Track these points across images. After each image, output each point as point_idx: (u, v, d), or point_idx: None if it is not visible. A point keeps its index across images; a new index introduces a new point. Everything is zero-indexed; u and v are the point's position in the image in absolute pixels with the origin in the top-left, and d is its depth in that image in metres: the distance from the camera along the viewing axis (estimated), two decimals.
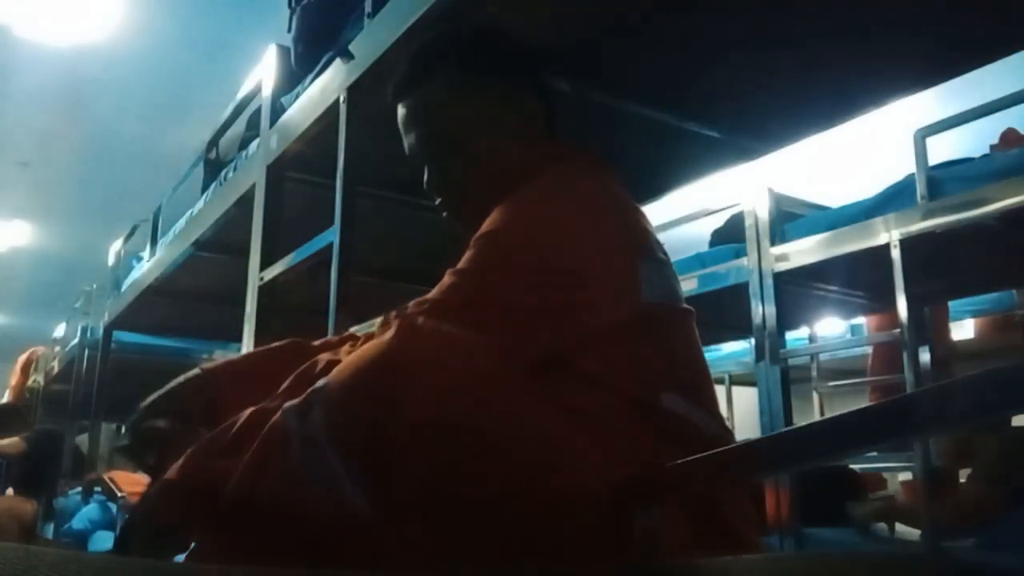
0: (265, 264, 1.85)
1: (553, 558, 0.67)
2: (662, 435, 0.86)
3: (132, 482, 3.60)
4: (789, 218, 2.54)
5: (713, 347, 4.77)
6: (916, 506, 2.28)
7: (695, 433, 0.89)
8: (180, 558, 0.77)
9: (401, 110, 1.06)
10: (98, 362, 3.86)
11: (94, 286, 4.54)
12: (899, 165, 2.34)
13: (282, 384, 0.80)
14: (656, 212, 2.36)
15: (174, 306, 3.28)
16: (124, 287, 3.67)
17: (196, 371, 0.99)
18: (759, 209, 2.51)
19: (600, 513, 0.68)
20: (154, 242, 3.24)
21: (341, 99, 1.44)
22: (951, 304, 3.69)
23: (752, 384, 2.87)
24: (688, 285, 2.81)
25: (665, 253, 0.98)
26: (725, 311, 2.96)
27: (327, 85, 1.55)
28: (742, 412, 4.76)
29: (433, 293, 0.85)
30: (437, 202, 1.08)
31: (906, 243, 2.05)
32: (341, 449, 0.67)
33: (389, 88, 1.05)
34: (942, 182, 2.08)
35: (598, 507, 0.68)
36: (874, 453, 2.50)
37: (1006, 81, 2.02)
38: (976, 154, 2.38)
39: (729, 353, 4.76)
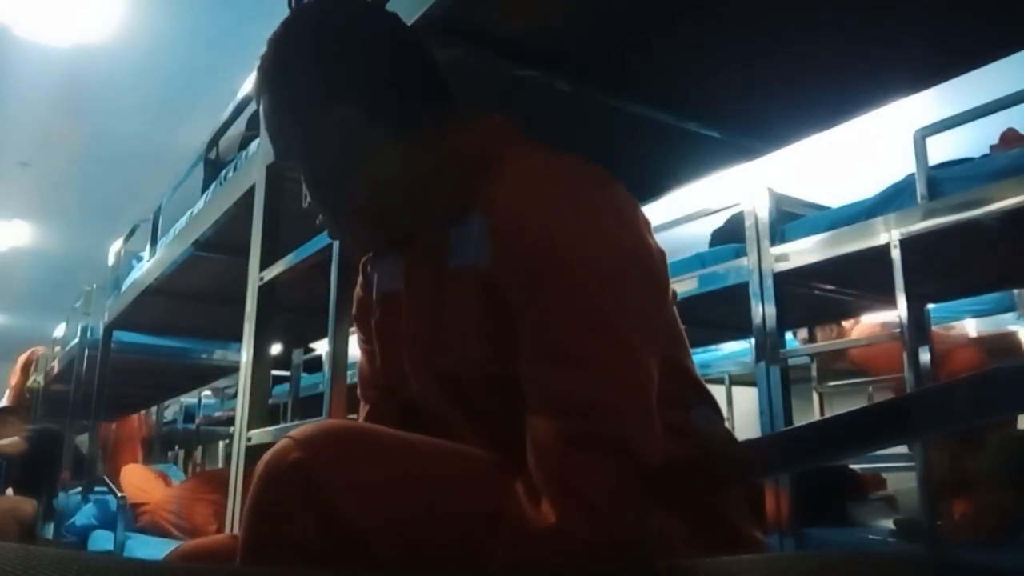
0: (265, 264, 1.85)
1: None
2: (684, 434, 0.86)
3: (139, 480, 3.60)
4: (789, 218, 2.54)
5: (713, 347, 4.77)
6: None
7: (708, 429, 0.89)
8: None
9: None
10: (98, 362, 3.86)
11: (94, 286, 4.53)
12: (899, 165, 2.34)
13: None
14: (656, 212, 2.37)
15: (174, 306, 3.28)
16: (124, 287, 3.67)
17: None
18: (759, 209, 2.51)
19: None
20: (154, 242, 3.24)
21: None
22: (951, 304, 3.69)
23: (752, 384, 2.87)
24: (688, 285, 2.81)
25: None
26: (725, 311, 2.95)
27: None
28: (742, 412, 4.76)
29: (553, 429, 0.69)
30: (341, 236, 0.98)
31: (906, 243, 2.05)
32: None
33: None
34: (942, 182, 2.08)
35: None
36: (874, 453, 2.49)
37: (1006, 81, 2.02)
38: (976, 154, 2.38)
39: (729, 353, 4.76)
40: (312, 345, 4.26)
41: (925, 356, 2.17)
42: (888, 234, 2.09)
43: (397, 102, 0.86)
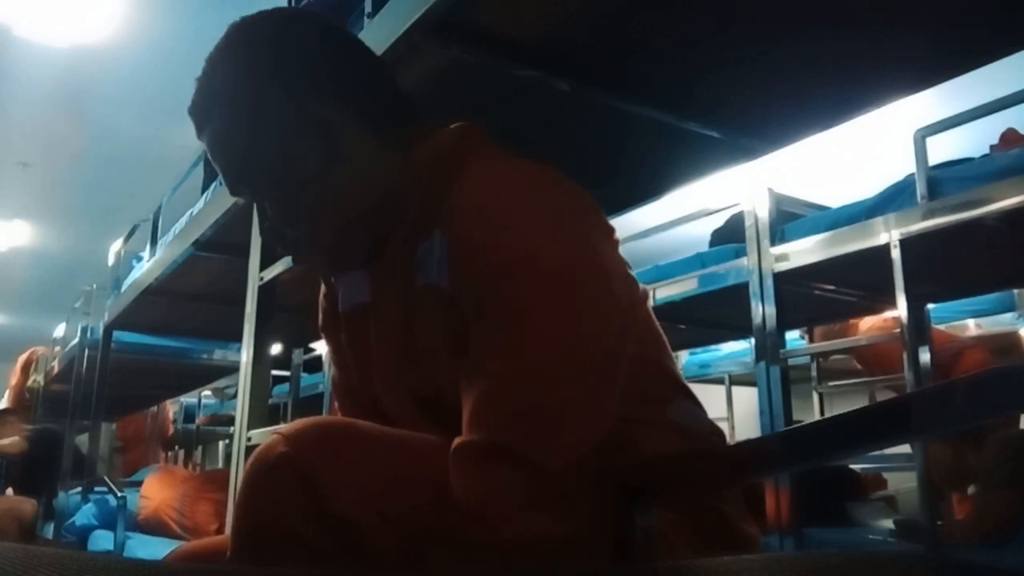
0: (265, 264, 1.85)
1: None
2: (667, 426, 0.86)
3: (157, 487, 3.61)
4: (789, 218, 2.54)
5: (713, 347, 4.77)
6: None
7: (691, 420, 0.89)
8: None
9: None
10: (98, 362, 3.86)
11: (94, 286, 4.53)
12: (899, 165, 2.34)
13: None
14: (656, 212, 2.38)
15: (174, 306, 3.28)
16: (124, 287, 3.67)
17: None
18: (759, 209, 2.51)
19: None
20: (154, 242, 3.24)
21: None
22: (951, 304, 3.69)
23: (752, 384, 2.87)
24: (688, 285, 2.81)
25: None
26: (725, 311, 2.95)
27: None
28: (742, 412, 4.76)
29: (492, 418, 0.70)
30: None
31: (906, 243, 2.05)
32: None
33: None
34: (942, 182, 2.08)
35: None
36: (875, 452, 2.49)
37: (1006, 81, 2.02)
38: (976, 154, 2.38)
39: (729, 353, 4.76)
40: (312, 345, 4.26)
41: (925, 356, 2.17)
42: (888, 234, 2.09)
43: (369, 107, 0.84)
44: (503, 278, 0.71)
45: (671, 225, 3.11)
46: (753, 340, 2.55)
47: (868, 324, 3.43)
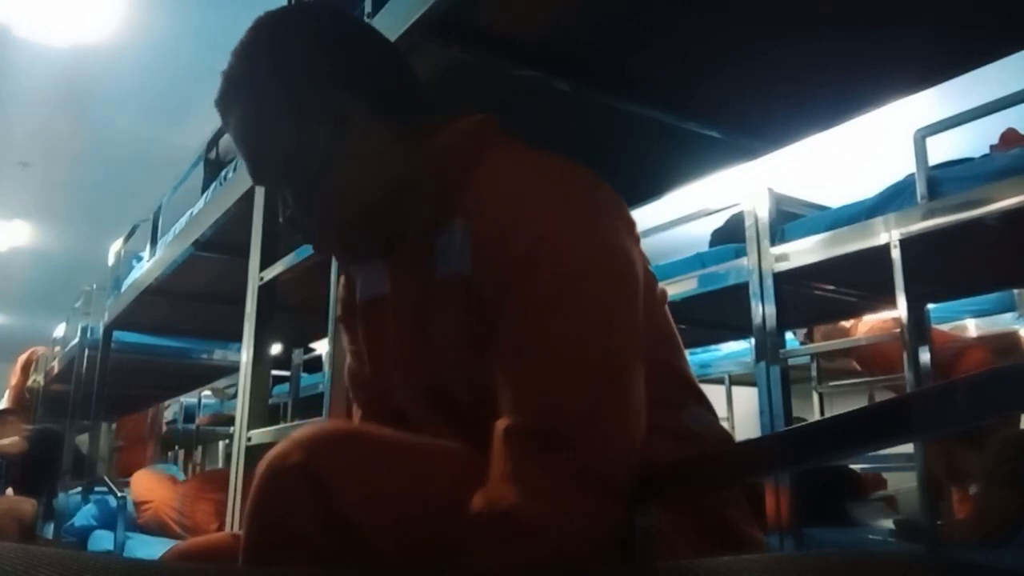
0: (265, 264, 1.85)
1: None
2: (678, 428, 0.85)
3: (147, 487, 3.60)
4: (789, 218, 2.54)
5: (713, 347, 4.77)
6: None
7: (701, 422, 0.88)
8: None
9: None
10: (98, 362, 3.86)
11: (94, 286, 4.53)
12: (899, 165, 2.34)
13: None
14: (656, 212, 2.38)
15: (174, 306, 3.28)
16: (124, 287, 3.67)
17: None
18: (759, 209, 2.51)
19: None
20: (154, 242, 3.24)
21: None
22: (951, 304, 3.69)
23: (752, 384, 2.86)
24: (688, 285, 2.81)
25: None
26: (725, 311, 2.95)
27: None
28: (742, 412, 4.76)
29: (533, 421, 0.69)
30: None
31: (906, 243, 2.05)
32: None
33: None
34: (942, 182, 2.08)
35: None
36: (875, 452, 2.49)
37: (1006, 81, 2.02)
38: (976, 154, 2.38)
39: (729, 353, 4.76)
40: (312, 345, 4.26)
41: (925, 356, 2.17)
42: (888, 234, 2.09)
43: (386, 98, 0.86)
44: (523, 272, 0.71)
45: (671, 225, 3.11)
46: (753, 340, 2.55)
47: (868, 324, 3.43)
